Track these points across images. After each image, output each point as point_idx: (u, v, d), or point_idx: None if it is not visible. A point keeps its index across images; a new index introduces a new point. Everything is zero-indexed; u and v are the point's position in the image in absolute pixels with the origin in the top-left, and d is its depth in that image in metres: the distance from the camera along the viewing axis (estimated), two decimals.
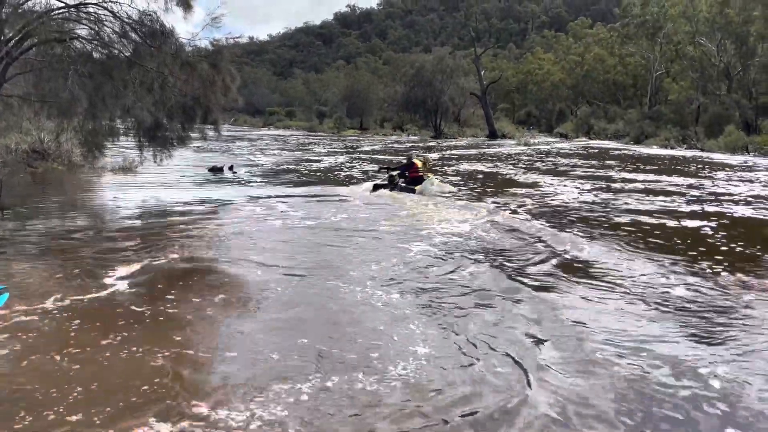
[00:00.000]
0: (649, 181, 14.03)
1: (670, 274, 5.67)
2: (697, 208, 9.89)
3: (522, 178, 15.16)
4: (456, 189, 12.24)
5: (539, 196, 11.52)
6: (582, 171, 17.01)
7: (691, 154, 24.67)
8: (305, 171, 16.82)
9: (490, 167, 18.52)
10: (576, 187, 12.92)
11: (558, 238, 7.34)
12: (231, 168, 16.00)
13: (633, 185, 13.20)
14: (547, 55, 57.69)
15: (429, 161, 13.73)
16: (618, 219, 8.82)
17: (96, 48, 8.49)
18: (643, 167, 18.29)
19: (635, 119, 36.70)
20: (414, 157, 12.25)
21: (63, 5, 8.28)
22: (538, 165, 19.45)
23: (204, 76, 8.93)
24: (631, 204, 10.31)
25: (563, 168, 18.08)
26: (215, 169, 15.52)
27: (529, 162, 20.80)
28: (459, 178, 14.80)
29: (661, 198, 11.08)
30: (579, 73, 49.19)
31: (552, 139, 40.32)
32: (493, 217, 8.82)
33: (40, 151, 13.54)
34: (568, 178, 15.02)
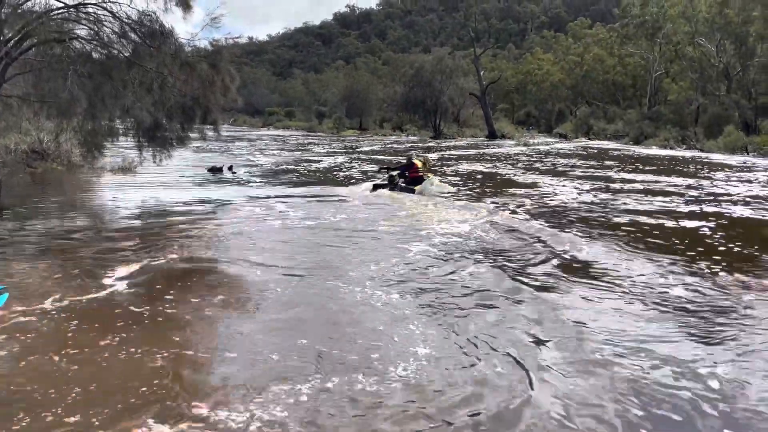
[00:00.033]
0: (648, 182, 14.04)
1: (668, 274, 5.67)
2: (696, 208, 9.89)
3: (521, 178, 15.16)
4: (455, 189, 12.23)
5: (538, 196, 11.52)
6: (581, 171, 17.02)
7: (691, 154, 24.68)
8: (304, 171, 16.82)
9: (489, 167, 18.52)
10: (575, 188, 12.92)
11: (557, 238, 7.34)
12: (230, 168, 15.99)
13: (632, 185, 13.20)
14: (547, 56, 57.72)
15: (429, 162, 13.73)
16: (617, 219, 8.82)
17: (95, 48, 8.49)
18: (642, 168, 18.29)
19: (634, 120, 36.70)
20: (414, 158, 12.25)
21: (62, 5, 8.29)
22: (537, 165, 19.45)
23: (203, 76, 8.93)
24: (630, 204, 10.31)
25: (562, 168, 18.08)
26: (214, 170, 15.51)
27: (529, 162, 20.81)
28: (458, 178, 14.80)
29: (660, 198, 11.09)
30: (578, 74, 49.20)
31: (551, 140, 40.33)
32: (493, 218, 8.82)
33: (39, 152, 13.54)
34: (567, 178, 15.02)
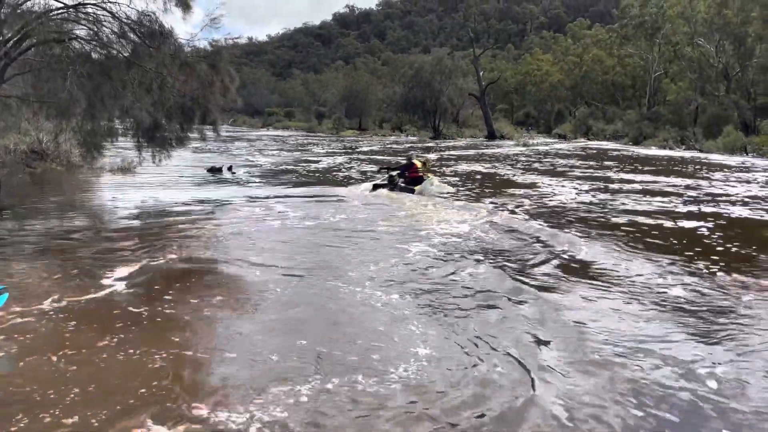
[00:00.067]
0: (647, 182, 14.05)
1: (667, 274, 5.68)
2: (695, 208, 9.90)
3: (520, 178, 15.17)
4: (455, 189, 12.24)
5: (538, 196, 11.53)
6: (580, 171, 17.02)
7: (690, 154, 24.69)
8: (304, 171, 16.81)
9: (488, 168, 18.53)
10: (574, 188, 12.93)
11: (557, 238, 7.34)
12: (230, 168, 15.98)
13: (631, 186, 13.20)
14: (546, 56, 57.70)
15: (429, 162, 13.73)
16: (616, 219, 8.82)
17: (95, 48, 8.49)
18: (641, 168, 18.30)
19: (634, 120, 36.72)
20: (414, 158, 12.25)
21: (62, 5, 8.28)
22: (536, 165, 19.46)
23: (203, 76, 8.93)
24: (629, 205, 10.32)
25: (561, 168, 18.08)
26: (214, 170, 15.50)
27: (528, 162, 20.81)
28: (458, 178, 14.80)
29: (659, 198, 11.09)
30: (578, 74, 49.23)
31: (550, 140, 40.34)
32: (492, 218, 8.82)
33: (38, 152, 13.52)
34: (566, 178, 15.03)
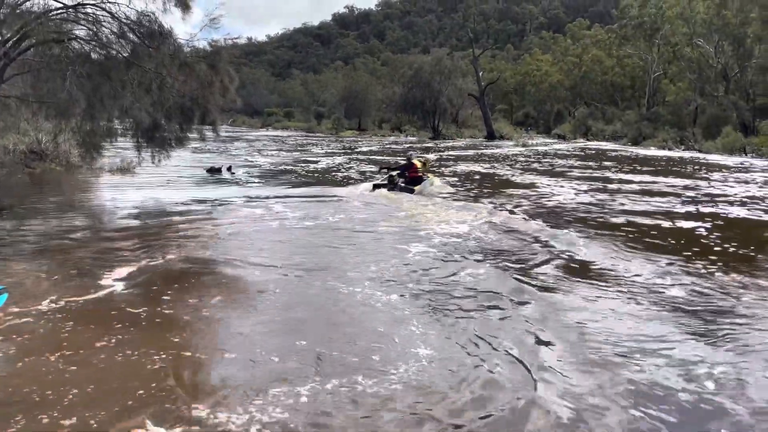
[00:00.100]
0: (646, 182, 14.05)
1: (666, 274, 5.68)
2: (693, 209, 9.91)
3: (520, 178, 15.17)
4: (454, 190, 12.24)
5: (537, 196, 11.53)
6: (579, 172, 17.03)
7: (689, 155, 24.71)
8: (303, 172, 16.81)
9: (488, 168, 18.53)
10: (573, 188, 12.93)
11: (556, 238, 7.34)
12: (229, 169, 15.97)
13: (630, 186, 13.21)
14: (545, 57, 57.70)
15: (429, 162, 13.73)
16: (615, 220, 8.83)
17: (94, 48, 8.49)
18: (640, 168, 18.31)
19: (633, 120, 36.73)
20: (413, 158, 12.26)
21: (61, 6, 8.28)
22: (535, 166, 19.46)
23: (202, 76, 8.93)
24: (628, 205, 10.32)
25: (561, 169, 18.09)
26: (213, 170, 15.49)
27: (527, 163, 20.82)
28: (457, 178, 14.80)
29: (658, 199, 11.10)
30: (577, 75, 49.24)
31: (550, 140, 40.35)
32: (492, 218, 8.82)
33: (38, 152, 13.51)
34: (565, 179, 15.03)
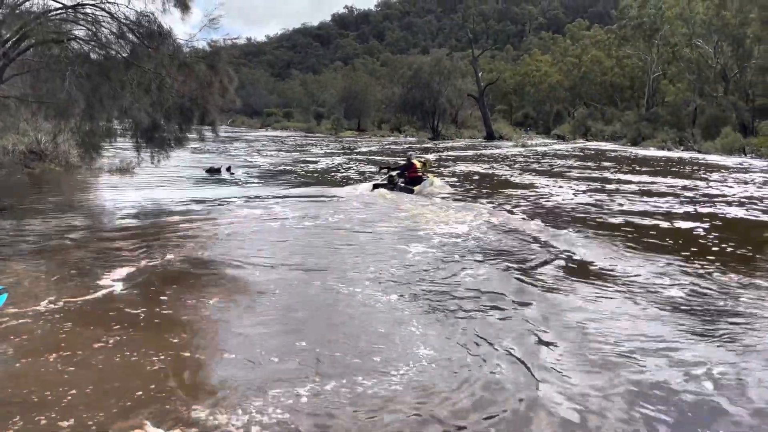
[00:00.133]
0: (645, 183, 14.07)
1: (665, 274, 5.69)
2: (692, 209, 9.92)
3: (519, 179, 15.18)
4: (453, 190, 12.25)
5: (536, 197, 11.54)
6: (578, 172, 17.04)
7: (688, 155, 24.73)
8: (303, 172, 16.80)
9: (487, 168, 18.54)
10: (572, 189, 12.94)
11: (556, 238, 7.35)
12: (228, 169, 15.97)
13: (629, 186, 13.22)
14: (545, 57, 57.79)
15: (429, 163, 13.73)
16: (614, 220, 8.84)
17: (93, 49, 8.48)
18: (640, 169, 18.33)
19: (632, 121, 36.78)
20: (413, 158, 12.26)
21: (60, 6, 8.28)
22: (534, 166, 19.47)
23: (201, 77, 8.93)
24: (626, 205, 10.33)
25: (560, 169, 18.10)
26: (213, 170, 15.48)
27: (526, 163, 20.83)
28: (456, 179, 14.80)
29: (657, 199, 11.11)
30: (576, 75, 49.31)
31: (549, 141, 40.40)
32: (491, 218, 8.83)
33: (37, 152, 13.50)
34: (564, 179, 15.04)
